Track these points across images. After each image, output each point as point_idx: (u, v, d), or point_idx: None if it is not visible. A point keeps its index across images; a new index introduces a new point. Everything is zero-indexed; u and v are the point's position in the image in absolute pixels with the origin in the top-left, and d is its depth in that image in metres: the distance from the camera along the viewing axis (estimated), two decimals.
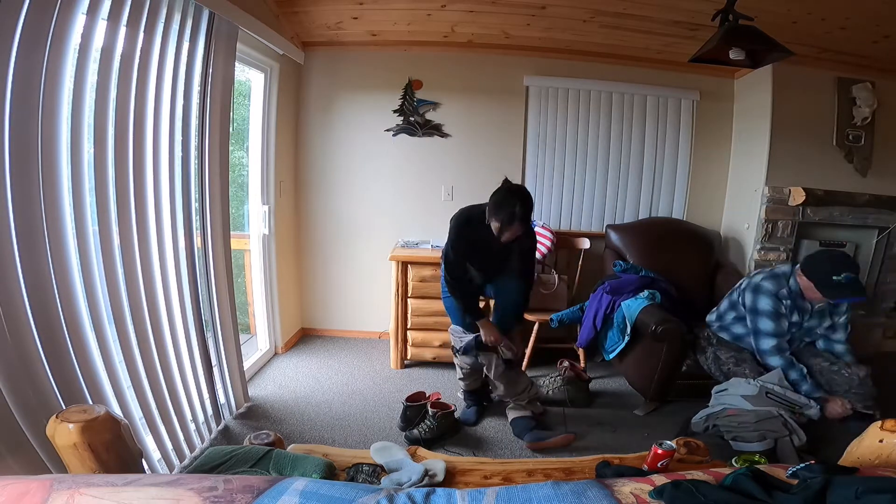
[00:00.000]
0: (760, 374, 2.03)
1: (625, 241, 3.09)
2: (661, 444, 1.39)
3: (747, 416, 1.88)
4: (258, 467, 1.24)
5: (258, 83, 2.81)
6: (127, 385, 1.65)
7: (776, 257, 3.07)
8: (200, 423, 2.09)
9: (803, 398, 1.90)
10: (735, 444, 1.89)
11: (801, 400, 1.90)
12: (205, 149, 2.01)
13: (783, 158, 2.95)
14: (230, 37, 2.09)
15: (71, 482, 0.74)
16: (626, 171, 3.30)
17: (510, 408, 2.34)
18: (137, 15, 1.57)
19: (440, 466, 1.38)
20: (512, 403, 2.32)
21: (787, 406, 1.89)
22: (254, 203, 2.89)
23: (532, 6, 2.58)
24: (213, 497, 0.74)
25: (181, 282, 1.94)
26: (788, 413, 1.87)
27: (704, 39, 2.08)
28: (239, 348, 2.36)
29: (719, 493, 0.81)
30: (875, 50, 2.73)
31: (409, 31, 2.95)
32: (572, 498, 0.80)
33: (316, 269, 3.46)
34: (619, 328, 2.58)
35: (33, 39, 1.23)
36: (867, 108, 2.92)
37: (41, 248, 1.30)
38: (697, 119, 3.26)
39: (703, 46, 2.06)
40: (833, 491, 0.79)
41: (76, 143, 1.41)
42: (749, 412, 1.89)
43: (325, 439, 2.22)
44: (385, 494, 0.81)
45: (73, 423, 0.93)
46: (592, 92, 3.20)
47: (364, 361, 3.10)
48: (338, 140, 3.28)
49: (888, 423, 1.02)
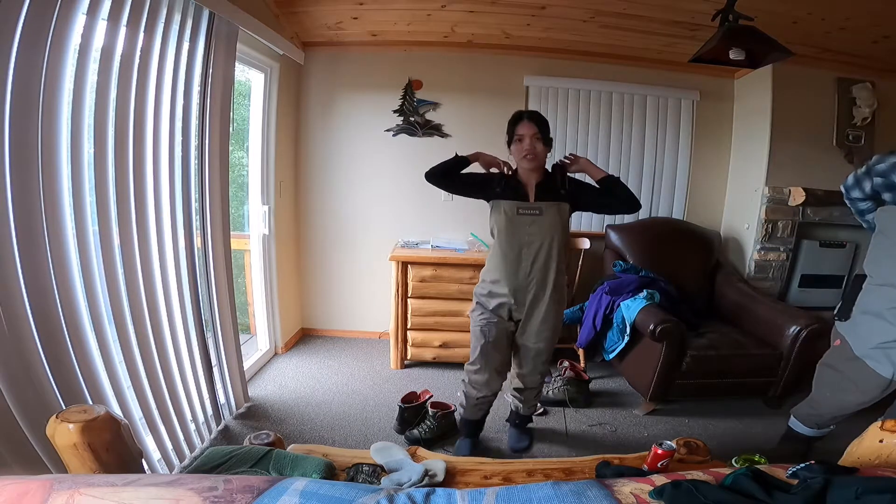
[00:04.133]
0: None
1: (625, 242, 3.09)
2: (661, 444, 1.39)
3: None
4: (258, 467, 1.24)
5: (258, 83, 2.81)
6: (127, 385, 1.65)
7: (776, 257, 3.07)
8: (200, 423, 2.09)
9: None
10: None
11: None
12: (205, 149, 2.01)
13: (783, 158, 2.95)
14: (230, 37, 2.09)
15: (71, 482, 0.74)
16: (626, 171, 3.29)
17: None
18: (137, 15, 1.57)
19: (440, 466, 1.38)
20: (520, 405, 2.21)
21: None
22: (254, 203, 2.89)
23: (532, 6, 2.58)
24: (213, 497, 0.74)
25: (181, 282, 1.94)
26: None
27: (704, 39, 2.08)
28: (239, 348, 2.36)
29: (719, 493, 0.81)
30: (875, 50, 2.72)
31: (409, 31, 2.95)
32: (572, 498, 0.80)
33: (316, 269, 3.46)
34: (619, 328, 2.58)
35: (33, 39, 1.23)
36: (867, 109, 2.92)
37: (41, 248, 1.30)
38: (697, 119, 3.26)
39: (703, 46, 2.06)
40: (833, 491, 0.79)
41: (76, 143, 1.41)
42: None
43: (325, 439, 2.22)
44: (385, 494, 0.81)
45: (73, 423, 0.92)
46: (592, 92, 3.20)
47: (364, 361, 3.10)
48: (338, 140, 3.28)
49: (888, 423, 1.02)
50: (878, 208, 1.82)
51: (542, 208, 1.86)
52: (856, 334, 1.73)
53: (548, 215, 1.86)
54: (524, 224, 1.87)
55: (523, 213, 1.87)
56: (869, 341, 1.66)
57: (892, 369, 1.60)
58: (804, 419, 1.95)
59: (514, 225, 1.88)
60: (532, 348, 2.00)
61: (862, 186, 1.78)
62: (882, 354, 1.62)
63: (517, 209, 1.88)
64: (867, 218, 1.88)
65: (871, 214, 1.85)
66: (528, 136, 1.83)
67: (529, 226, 1.87)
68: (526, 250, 1.88)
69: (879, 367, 1.63)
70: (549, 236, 1.86)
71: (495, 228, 1.93)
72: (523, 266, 1.89)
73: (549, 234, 1.86)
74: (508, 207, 1.88)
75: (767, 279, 3.11)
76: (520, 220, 1.87)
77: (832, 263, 3.10)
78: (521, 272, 1.90)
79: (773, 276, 3.11)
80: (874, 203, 1.82)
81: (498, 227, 1.91)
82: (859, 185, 1.79)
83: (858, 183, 1.79)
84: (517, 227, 1.87)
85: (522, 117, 1.86)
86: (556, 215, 1.86)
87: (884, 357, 1.62)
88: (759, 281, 3.09)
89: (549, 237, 1.87)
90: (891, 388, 1.64)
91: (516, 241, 1.88)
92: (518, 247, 1.88)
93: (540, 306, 1.92)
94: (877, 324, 1.64)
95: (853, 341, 1.73)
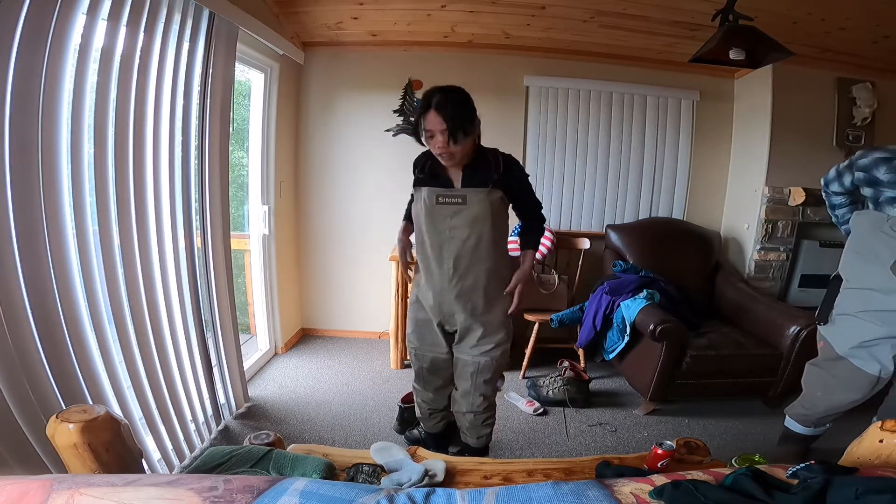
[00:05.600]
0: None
1: (625, 241, 3.09)
2: (661, 444, 1.39)
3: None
4: (258, 467, 1.24)
5: (258, 83, 2.81)
6: (127, 385, 1.65)
7: (776, 257, 3.07)
8: (200, 423, 2.09)
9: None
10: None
11: None
12: (205, 149, 2.01)
13: (783, 158, 2.95)
14: (230, 37, 2.09)
15: (71, 482, 0.74)
16: (626, 171, 3.30)
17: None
18: (137, 15, 1.57)
19: (440, 466, 1.38)
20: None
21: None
22: (254, 203, 2.89)
23: (532, 6, 2.58)
24: (213, 497, 0.74)
25: (181, 282, 1.94)
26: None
27: (704, 39, 2.08)
28: (239, 348, 2.36)
29: (719, 493, 0.81)
30: (875, 50, 2.72)
31: (409, 31, 2.95)
32: (572, 498, 0.80)
33: (316, 269, 3.46)
34: (619, 328, 2.58)
35: (33, 39, 1.23)
36: (867, 109, 2.92)
37: (41, 248, 1.30)
38: (697, 119, 3.26)
39: (703, 46, 2.06)
40: (833, 491, 0.79)
41: (76, 143, 1.41)
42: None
43: (325, 439, 2.22)
44: (385, 494, 0.81)
45: (73, 423, 0.92)
46: (592, 92, 3.20)
47: (364, 361, 3.10)
48: (338, 140, 3.27)
49: (888, 423, 1.02)
50: (851, 205, 1.87)
51: (467, 196, 1.53)
52: (836, 335, 1.76)
53: (473, 205, 1.53)
54: (444, 216, 1.55)
55: (443, 202, 1.54)
56: (850, 341, 1.69)
57: (879, 366, 1.63)
58: (799, 419, 1.96)
59: (432, 216, 1.56)
60: (469, 362, 1.69)
61: (842, 180, 1.80)
62: (866, 353, 1.65)
63: (437, 198, 1.55)
64: (838, 213, 1.93)
65: (843, 210, 1.90)
66: (439, 133, 1.46)
67: (451, 217, 1.54)
68: (447, 247, 1.56)
69: (865, 365, 1.66)
70: (476, 231, 1.54)
71: (416, 220, 1.63)
72: (445, 268, 1.58)
73: (476, 227, 1.54)
74: (427, 195, 1.57)
75: (767, 279, 3.11)
76: (439, 212, 1.55)
77: (832, 263, 3.07)
78: (444, 275, 1.59)
79: (773, 276, 3.11)
80: (850, 199, 1.86)
81: (417, 219, 1.62)
82: (839, 179, 1.81)
83: (839, 177, 1.81)
84: (436, 219, 1.55)
85: (430, 106, 1.45)
86: (483, 204, 1.53)
87: (867, 355, 1.65)
88: (759, 281, 3.09)
89: (475, 232, 1.54)
90: (880, 384, 1.67)
91: (436, 238, 1.57)
92: (438, 244, 1.57)
93: (475, 313, 1.63)
94: (855, 323, 1.68)
95: (835, 342, 1.76)
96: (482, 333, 1.66)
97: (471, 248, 1.56)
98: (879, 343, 1.62)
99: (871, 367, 1.64)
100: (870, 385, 1.67)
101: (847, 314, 1.73)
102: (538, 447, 2.23)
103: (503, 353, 1.71)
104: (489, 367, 1.69)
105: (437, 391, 1.87)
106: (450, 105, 1.44)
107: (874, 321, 1.62)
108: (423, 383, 1.89)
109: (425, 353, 1.79)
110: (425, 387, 1.88)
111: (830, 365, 1.79)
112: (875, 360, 1.63)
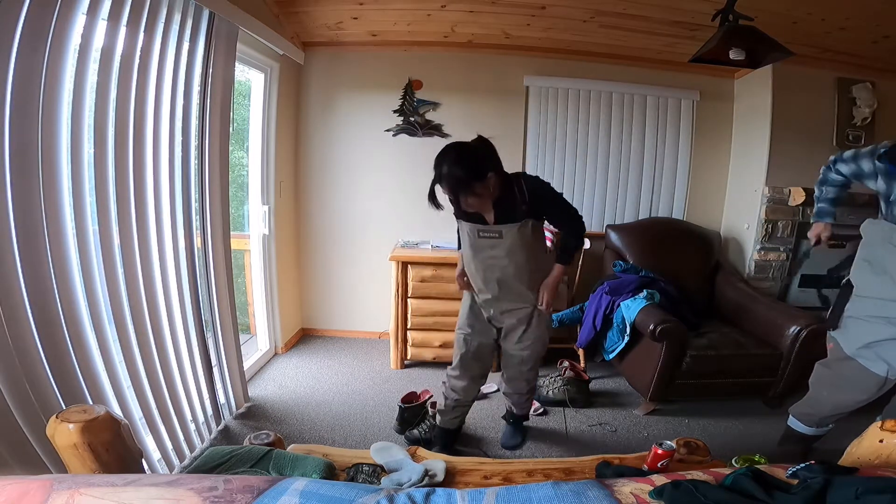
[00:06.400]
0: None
1: (625, 241, 3.09)
2: (661, 444, 1.39)
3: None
4: (258, 467, 1.24)
5: (258, 83, 2.81)
6: (127, 385, 1.65)
7: (776, 257, 3.07)
8: (200, 423, 2.09)
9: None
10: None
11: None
12: (205, 149, 2.01)
13: (783, 158, 2.95)
14: (230, 37, 2.09)
15: (71, 482, 0.74)
16: (626, 171, 3.30)
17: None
18: (137, 15, 1.57)
19: (440, 466, 1.38)
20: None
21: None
22: (254, 203, 2.89)
23: (532, 6, 2.58)
24: (213, 497, 0.74)
25: (181, 282, 1.94)
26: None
27: (704, 39, 2.08)
28: (239, 348, 2.36)
29: (719, 493, 0.81)
30: (875, 50, 2.72)
31: (409, 32, 2.95)
32: (572, 498, 0.80)
33: (316, 269, 3.46)
34: (619, 328, 2.58)
35: (33, 39, 1.23)
36: (867, 109, 2.92)
37: (41, 248, 1.30)
38: (697, 119, 3.26)
39: (703, 46, 2.06)
40: (833, 491, 0.79)
41: (76, 143, 1.41)
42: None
43: (325, 439, 2.22)
44: (385, 494, 0.81)
45: (73, 423, 0.92)
46: (592, 92, 3.20)
47: (364, 361, 3.10)
48: (338, 140, 3.27)
49: (888, 423, 1.02)
50: (842, 188, 1.92)
51: (503, 231, 1.78)
52: (845, 336, 1.77)
53: (508, 238, 1.78)
54: (485, 247, 1.83)
55: (484, 237, 1.82)
56: (858, 341, 1.70)
57: (886, 367, 1.63)
58: (803, 418, 1.96)
59: (475, 248, 1.85)
60: (515, 355, 1.99)
61: (859, 163, 1.78)
62: (873, 353, 1.66)
63: (478, 232, 1.82)
64: (825, 189, 1.96)
65: (833, 189, 1.94)
66: (454, 197, 1.72)
67: (491, 248, 1.82)
68: (489, 273, 1.86)
69: (872, 365, 1.66)
70: (514, 259, 1.81)
71: (463, 247, 1.94)
72: (490, 286, 1.88)
73: (513, 256, 1.80)
74: (469, 230, 1.84)
75: (767, 279, 3.11)
76: (481, 244, 1.83)
77: (832, 263, 3.10)
78: (490, 290, 1.89)
79: (773, 276, 3.11)
80: (845, 182, 1.90)
81: (463, 246, 1.93)
82: (856, 161, 1.79)
83: (856, 159, 1.79)
84: (479, 250, 1.85)
85: (441, 180, 1.66)
86: (517, 237, 1.78)
87: (874, 356, 1.65)
88: (759, 281, 3.09)
89: (513, 260, 1.81)
90: (887, 385, 1.67)
91: (480, 263, 1.86)
92: (482, 269, 1.87)
93: (519, 315, 1.91)
94: (863, 325, 1.69)
95: (843, 342, 1.77)
96: (523, 331, 1.94)
97: (511, 273, 1.84)
98: (887, 343, 1.62)
99: (879, 367, 1.64)
100: (876, 386, 1.67)
101: (855, 317, 1.74)
102: (538, 447, 2.23)
103: (543, 345, 2.01)
104: (531, 358, 2.00)
105: (472, 380, 2.05)
106: (450, 178, 1.64)
107: (883, 323, 1.63)
108: (462, 370, 2.02)
109: (474, 339, 2.00)
110: (463, 374, 2.03)
111: (838, 365, 1.79)
112: (882, 360, 1.63)
